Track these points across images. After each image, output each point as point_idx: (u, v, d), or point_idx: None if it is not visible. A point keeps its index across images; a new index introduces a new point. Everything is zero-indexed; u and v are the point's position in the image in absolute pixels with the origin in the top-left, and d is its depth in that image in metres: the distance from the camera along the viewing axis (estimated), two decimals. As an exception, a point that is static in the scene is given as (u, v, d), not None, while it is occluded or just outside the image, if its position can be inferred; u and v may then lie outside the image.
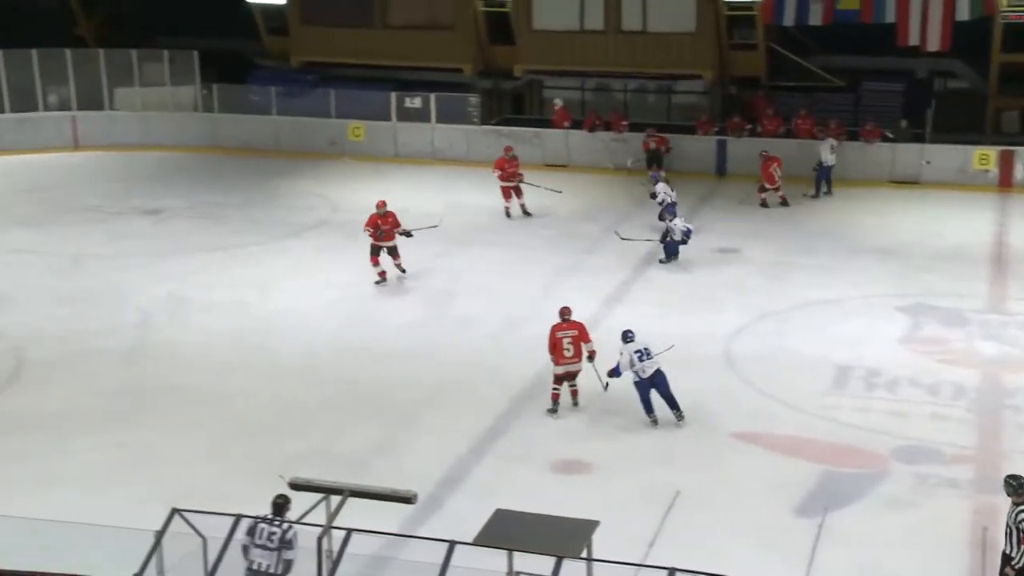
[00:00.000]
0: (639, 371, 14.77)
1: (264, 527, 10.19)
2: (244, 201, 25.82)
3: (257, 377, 16.61)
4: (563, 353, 15.19)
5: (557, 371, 15.30)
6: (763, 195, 25.21)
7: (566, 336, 15.24)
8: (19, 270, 20.96)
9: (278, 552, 10.15)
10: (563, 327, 15.33)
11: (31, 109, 30.32)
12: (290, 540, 10.16)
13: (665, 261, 21.23)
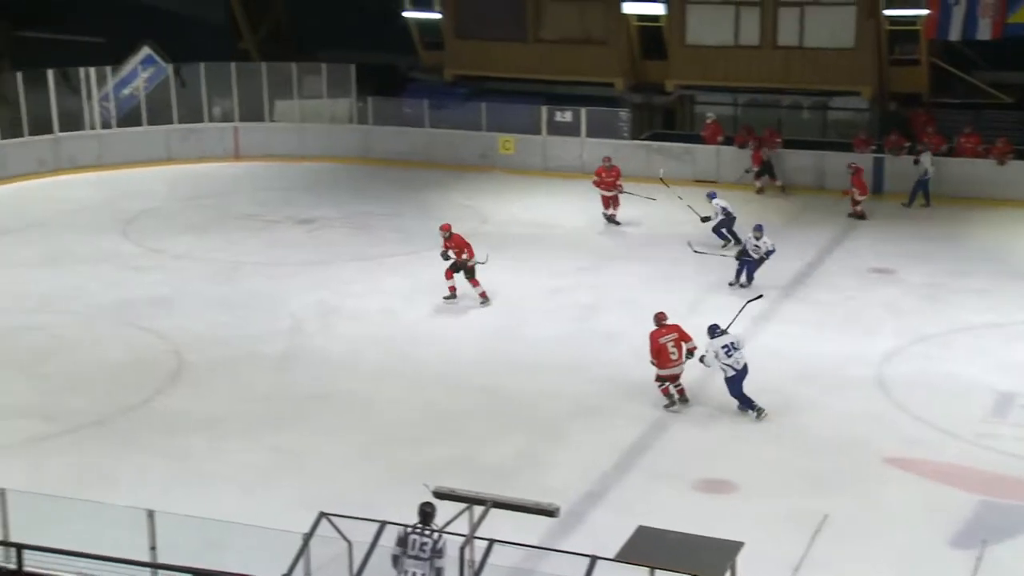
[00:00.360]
0: (732, 364, 15.04)
1: (415, 538, 10.24)
2: (394, 212, 26.24)
3: (403, 385, 16.82)
4: (669, 357, 15.43)
5: (662, 374, 15.56)
6: (858, 208, 25.17)
7: (669, 340, 15.45)
8: (181, 275, 21.70)
9: (430, 561, 10.24)
10: (664, 332, 15.55)
11: (197, 120, 31.39)
12: (441, 549, 10.22)
13: (735, 283, 20.36)
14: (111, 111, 30.80)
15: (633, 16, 30.91)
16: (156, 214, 26.14)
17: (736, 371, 15.12)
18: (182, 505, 11.38)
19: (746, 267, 20.36)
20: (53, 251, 22.97)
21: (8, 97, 29.18)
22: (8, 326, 18.95)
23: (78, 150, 29.91)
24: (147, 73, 31.24)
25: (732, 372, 15.14)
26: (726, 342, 15.16)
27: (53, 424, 15.35)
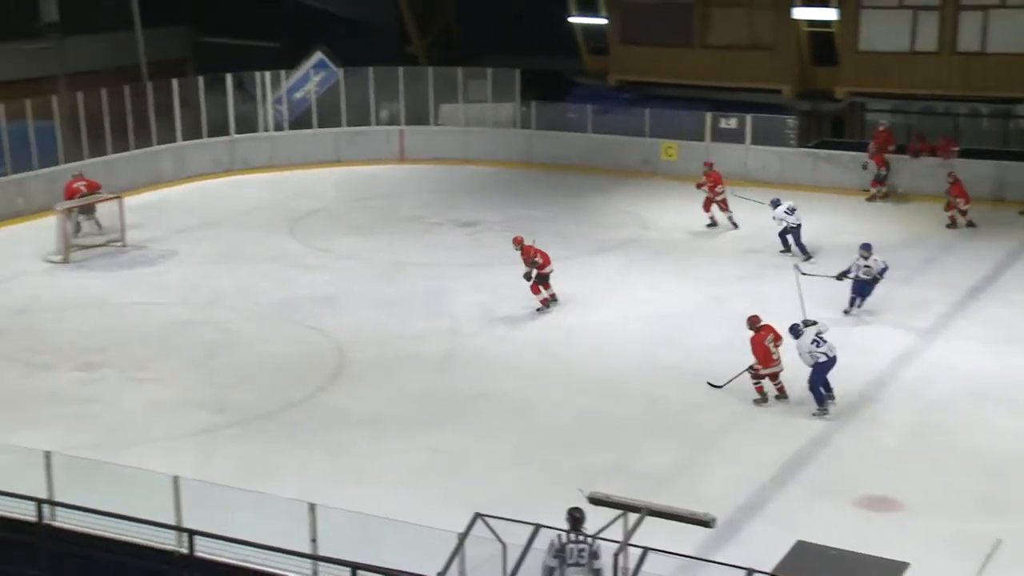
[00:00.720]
0: (825, 352, 15.49)
1: (572, 547, 10.21)
2: (554, 216, 26.30)
3: (560, 389, 16.83)
4: (771, 356, 15.94)
5: (763, 372, 15.98)
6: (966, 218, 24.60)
7: (769, 341, 15.96)
8: (346, 274, 22.18)
9: (589, 565, 10.21)
10: (764, 334, 15.99)
11: (365, 123, 32.07)
12: (597, 551, 10.20)
13: (850, 310, 19.30)
14: (283, 114, 31.73)
15: (803, 22, 30.31)
16: (323, 214, 26.81)
17: (828, 358, 15.54)
18: (341, 499, 11.60)
19: (860, 290, 19.32)
20: (226, 249, 23.77)
21: (190, 100, 30.36)
22: (182, 321, 19.69)
23: (251, 151, 30.92)
24: (319, 77, 32.08)
25: (825, 358, 15.55)
26: (812, 336, 15.64)
27: (223, 416, 15.88)
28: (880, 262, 19.20)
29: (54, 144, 26.98)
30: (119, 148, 28.30)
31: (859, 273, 19.18)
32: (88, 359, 17.71)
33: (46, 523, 11.49)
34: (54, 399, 16.32)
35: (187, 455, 14.34)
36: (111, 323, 19.45)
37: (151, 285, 21.55)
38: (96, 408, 16.05)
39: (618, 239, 24.60)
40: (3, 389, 16.69)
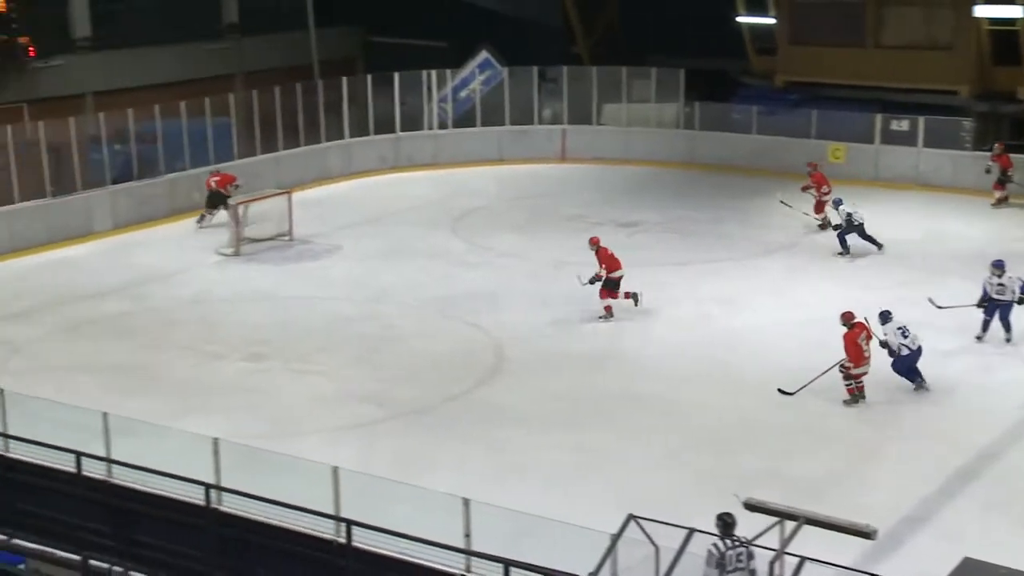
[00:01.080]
0: (910, 344, 15.86)
1: (730, 553, 10.06)
2: (716, 217, 25.98)
3: (716, 392, 16.64)
4: (863, 354, 15.86)
5: (856, 372, 15.89)
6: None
7: (862, 339, 15.92)
8: (505, 272, 22.35)
9: (746, 567, 10.11)
10: (857, 331, 15.95)
11: (528, 122, 32.26)
12: (752, 552, 10.09)
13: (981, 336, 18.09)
14: (448, 112, 32.16)
15: (985, 20, 29.19)
16: (485, 212, 27.08)
17: (912, 350, 15.91)
18: (495, 495, 11.68)
19: (997, 313, 17.99)
20: (389, 245, 24.22)
21: (358, 99, 31.06)
22: (346, 315, 20.15)
23: (416, 149, 31.43)
24: (483, 76, 32.41)
25: (908, 351, 15.91)
26: (900, 324, 16.03)
27: (383, 410, 16.19)
28: (1017, 280, 17.87)
29: (230, 140, 27.97)
30: (289, 144, 29.16)
31: (992, 293, 17.93)
32: (255, 350, 18.28)
33: (213, 507, 11.91)
34: (223, 388, 16.90)
35: (347, 447, 14.66)
36: (278, 316, 20.04)
37: (317, 279, 22.13)
38: (262, 398, 16.56)
39: (781, 242, 24.16)
40: (176, 377, 17.35)
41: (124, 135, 25.94)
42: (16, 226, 23.49)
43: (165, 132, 26.40)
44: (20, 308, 20.25)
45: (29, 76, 26.58)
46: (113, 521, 12.55)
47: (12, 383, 14.70)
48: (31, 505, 13.00)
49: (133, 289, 21.41)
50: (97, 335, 19.10)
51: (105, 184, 25.04)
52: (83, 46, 28.49)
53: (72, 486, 12.45)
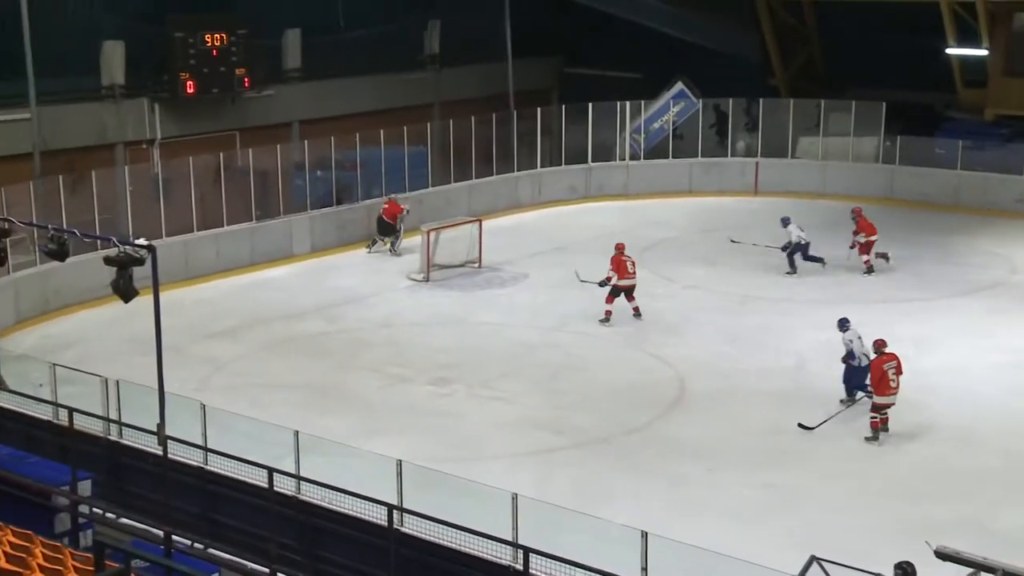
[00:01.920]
0: (868, 353, 16.10)
1: None
2: (914, 255, 25.16)
3: (909, 435, 16.11)
4: (889, 384, 15.68)
5: (880, 402, 15.76)
6: None
7: (890, 368, 15.72)
8: (691, 304, 22.18)
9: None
10: (885, 359, 15.80)
11: (721, 155, 31.99)
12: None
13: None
14: (640, 143, 32.18)
15: None
16: (673, 244, 26.93)
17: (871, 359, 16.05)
18: (673, 530, 11.58)
19: None
20: (572, 274, 24.29)
21: (552, 129, 31.41)
22: (531, 343, 20.34)
23: (607, 179, 31.55)
24: (677, 108, 32.33)
25: (867, 361, 16.10)
26: (859, 333, 16.45)
27: (562, 438, 16.26)
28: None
29: (425, 168, 28.67)
30: (482, 173, 29.70)
31: None
32: (441, 374, 18.64)
33: (395, 528, 12.17)
34: (408, 410, 17.28)
35: (526, 473, 14.77)
36: (464, 341, 20.39)
37: (502, 306, 22.43)
38: (445, 422, 16.86)
39: (983, 282, 23.23)
40: (364, 397, 17.84)
41: (326, 162, 26.93)
42: (223, 248, 24.62)
43: (364, 159, 27.28)
44: (225, 327, 21.19)
45: (242, 105, 27.92)
46: (301, 536, 12.97)
47: (213, 398, 15.38)
48: (226, 517, 13.57)
49: (327, 311, 22.16)
50: (292, 354, 19.83)
51: (306, 209, 26.02)
52: (293, 77, 29.73)
53: (264, 500, 12.92)
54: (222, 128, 27.71)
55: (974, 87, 32.03)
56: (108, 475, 14.14)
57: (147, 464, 13.85)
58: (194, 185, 24.22)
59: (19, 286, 20.83)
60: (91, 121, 25.66)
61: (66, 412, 14.07)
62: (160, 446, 13.21)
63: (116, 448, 14.37)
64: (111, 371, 15.33)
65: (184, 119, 27.03)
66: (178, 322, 19.12)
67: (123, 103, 26.14)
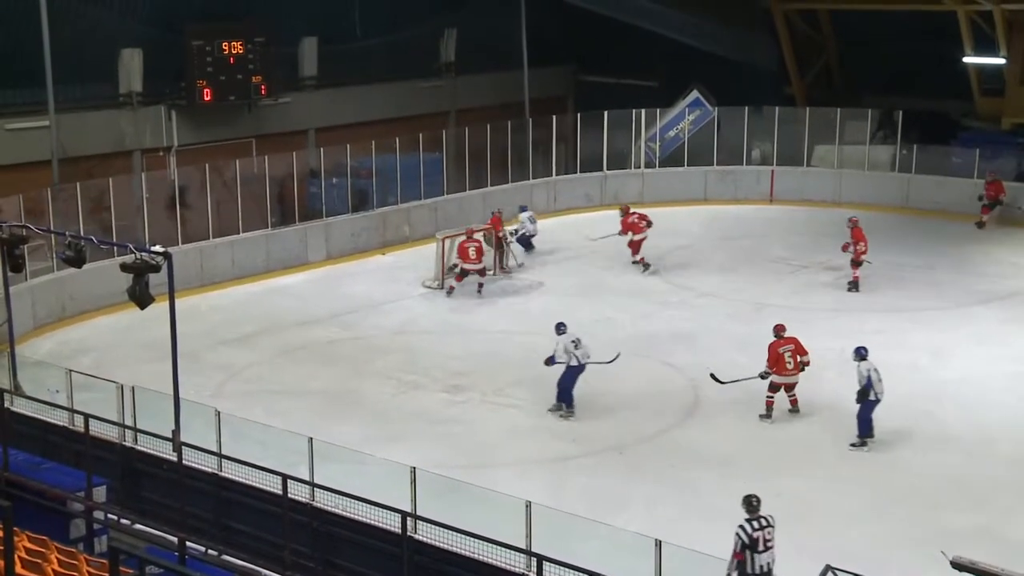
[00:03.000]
0: (579, 357, 16.88)
1: (758, 534, 10.36)
2: (929, 264, 25.11)
3: (923, 444, 16.11)
4: (786, 366, 16.65)
5: (777, 381, 16.73)
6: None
7: (787, 351, 16.63)
8: (705, 312, 22.17)
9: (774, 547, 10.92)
10: (782, 343, 16.71)
11: (736, 163, 31.95)
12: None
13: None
14: (655, 151, 32.17)
15: None
16: (688, 252, 26.92)
17: (579, 364, 16.93)
18: (687, 538, 11.55)
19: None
20: (590, 282, 24.37)
21: (567, 136, 31.46)
22: (543, 350, 20.18)
23: (622, 187, 31.54)
24: (693, 116, 32.32)
25: (576, 363, 16.91)
26: (573, 338, 17.01)
27: (576, 446, 16.27)
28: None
29: (440, 175, 28.73)
30: (497, 181, 29.74)
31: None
32: (454, 382, 18.68)
33: (409, 535, 12.20)
34: (421, 417, 17.32)
35: (539, 481, 14.80)
36: (477, 348, 20.42)
37: (516, 314, 22.45)
38: (458, 429, 16.90)
39: (999, 291, 23.15)
40: (378, 404, 17.89)
41: (341, 169, 27.01)
42: (238, 255, 24.72)
43: (379, 167, 27.36)
44: (240, 333, 21.27)
45: (258, 113, 28.05)
46: (315, 543, 13.01)
47: (228, 405, 15.45)
48: (240, 523, 13.62)
49: (342, 318, 22.22)
50: (307, 361, 19.89)
51: (321, 216, 26.10)
52: (308, 84, 29.84)
53: (278, 507, 12.96)
54: (238, 135, 27.84)
55: (991, 96, 31.93)
56: (123, 481, 14.21)
57: (162, 470, 13.91)
58: (210, 192, 24.32)
59: (36, 292, 20.95)
60: (109, 128, 25.83)
61: (82, 418, 14.14)
62: (175, 452, 13.28)
63: (131, 454, 14.44)
64: (127, 377, 15.42)
65: (201, 126, 27.18)
66: (193, 329, 19.22)
67: (140, 110, 26.32)
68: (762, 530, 11.14)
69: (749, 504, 11.35)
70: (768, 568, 11.10)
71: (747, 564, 11.08)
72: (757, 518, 11.26)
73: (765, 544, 11.12)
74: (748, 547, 11.10)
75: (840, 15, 34.39)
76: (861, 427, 15.95)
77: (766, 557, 11.11)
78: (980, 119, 32.27)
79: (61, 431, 14.86)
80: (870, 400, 15.87)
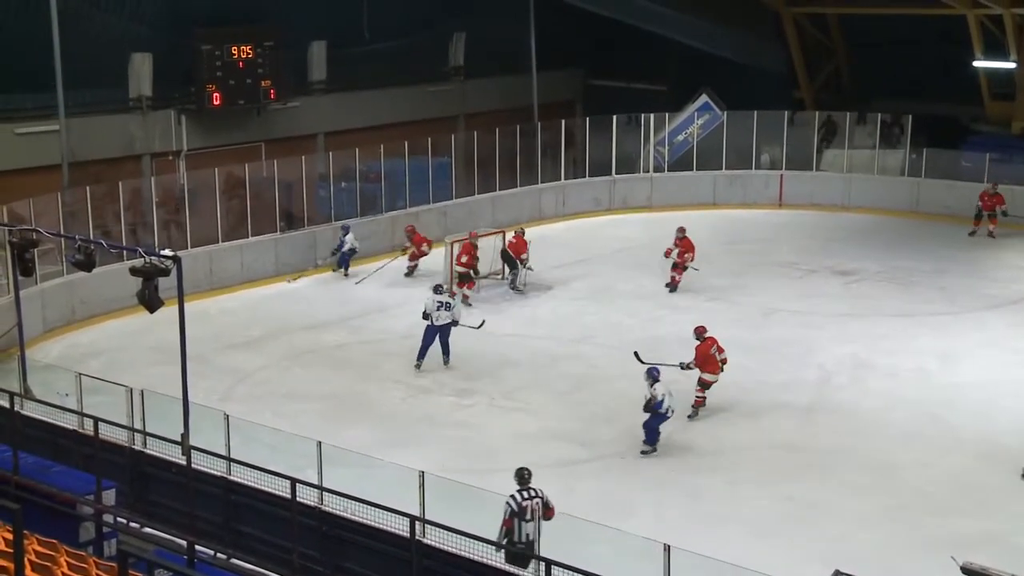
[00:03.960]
0: (434, 319, 18.64)
1: (527, 504, 10.91)
2: (938, 269, 25.06)
3: (933, 449, 16.05)
4: (718, 365, 17.07)
5: (708, 379, 17.10)
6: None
7: (714, 350, 17.07)
8: (714, 317, 21.99)
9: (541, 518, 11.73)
10: (710, 343, 17.12)
11: (744, 167, 31.91)
12: (547, 502, 11.43)
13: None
14: (664, 156, 32.16)
15: None
16: (697, 257, 26.81)
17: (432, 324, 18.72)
18: (694, 542, 11.53)
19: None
20: (599, 286, 24.34)
21: (575, 141, 31.46)
22: (553, 354, 20.34)
23: (631, 191, 31.54)
24: (702, 120, 32.27)
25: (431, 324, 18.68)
26: (441, 300, 18.88)
27: (584, 449, 16.27)
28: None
29: (449, 180, 28.75)
30: (506, 185, 29.74)
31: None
32: (463, 386, 18.68)
33: (417, 539, 12.19)
34: (430, 421, 17.32)
35: (547, 485, 14.62)
36: (486, 352, 20.38)
37: (525, 317, 22.45)
38: (467, 433, 16.90)
39: (1008, 296, 23.10)
40: (386, 408, 17.90)
41: (350, 173, 27.04)
42: (247, 259, 24.75)
43: (388, 171, 27.38)
44: (249, 337, 21.30)
45: (267, 117, 28.11)
46: (323, 547, 13.01)
47: (237, 409, 15.47)
48: (249, 527, 13.62)
49: (350, 321, 22.23)
50: (316, 365, 19.91)
51: (330, 220, 26.13)
52: (318, 89, 29.89)
53: (287, 511, 12.97)
54: (247, 139, 27.90)
55: (1001, 100, 31.90)
56: (132, 484, 14.22)
57: (171, 474, 13.94)
58: (219, 196, 24.37)
59: (46, 296, 21.00)
60: (118, 132, 25.90)
61: (91, 421, 14.16)
62: (184, 456, 13.29)
63: (140, 457, 14.45)
64: (136, 381, 15.44)
65: (210, 130, 27.24)
66: (202, 332, 19.25)
67: (150, 115, 26.38)
68: (530, 500, 12.03)
69: (521, 476, 12.30)
70: (531, 538, 11.95)
71: (514, 532, 11.94)
72: (527, 489, 12.13)
73: (532, 513, 11.98)
74: (516, 515, 11.96)
75: (849, 19, 34.36)
76: (649, 436, 16.05)
77: (531, 527, 11.99)
78: (990, 123, 32.22)
79: (71, 434, 14.87)
80: (661, 414, 15.93)
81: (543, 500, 12.12)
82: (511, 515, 12.01)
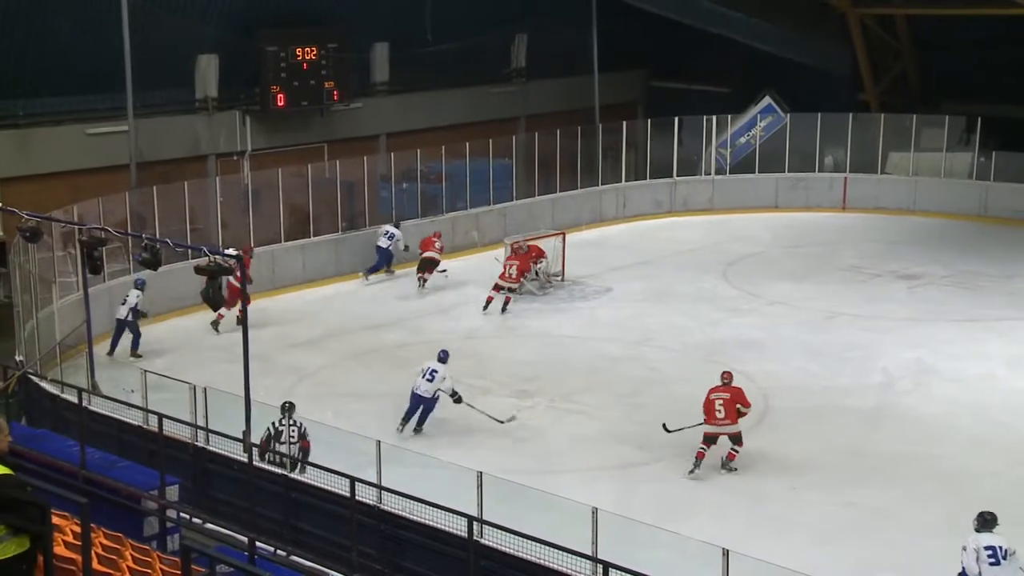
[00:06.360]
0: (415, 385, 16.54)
1: (283, 429, 11.79)
2: (1007, 273, 24.65)
3: (1002, 458, 15.76)
4: (715, 415, 15.18)
5: (707, 430, 15.23)
6: None
7: (719, 398, 15.23)
8: (775, 320, 21.94)
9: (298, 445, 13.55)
10: (718, 389, 15.39)
11: (808, 170, 31.58)
12: (304, 432, 12.62)
13: None
14: (726, 158, 31.94)
15: None
16: (758, 259, 26.68)
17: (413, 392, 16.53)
18: (755, 547, 11.43)
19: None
20: (658, 288, 24.23)
21: (637, 143, 31.35)
22: (613, 356, 20.28)
23: (692, 194, 31.38)
24: (765, 122, 32.03)
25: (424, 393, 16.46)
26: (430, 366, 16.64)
27: (643, 453, 16.18)
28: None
29: (510, 181, 28.78)
30: (567, 186, 29.71)
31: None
32: (522, 387, 18.67)
33: (475, 539, 12.20)
34: (489, 422, 17.30)
35: (606, 487, 14.73)
36: (546, 354, 20.39)
37: (585, 320, 22.40)
38: (526, 434, 16.87)
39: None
40: (446, 409, 17.87)
41: (412, 174, 27.16)
42: (309, 259, 24.94)
43: (449, 172, 27.46)
44: (311, 336, 21.45)
45: (330, 118, 28.35)
46: (382, 546, 13.07)
47: (297, 407, 15.55)
48: (309, 525, 13.73)
49: (411, 322, 22.33)
50: (376, 364, 20.01)
51: (392, 220, 26.25)
52: (380, 90, 30.08)
53: (346, 509, 13.05)
54: (311, 140, 28.14)
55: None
56: (195, 480, 14.40)
57: (232, 470, 14.09)
58: (282, 196, 24.59)
59: (114, 294, 21.30)
60: (185, 133, 26.26)
61: (156, 418, 14.36)
62: (245, 453, 13.43)
63: (203, 454, 14.63)
64: (199, 378, 15.63)
65: (274, 131, 27.51)
66: (265, 331, 19.44)
67: (216, 115, 26.71)
68: (286, 427, 14.01)
69: (283, 408, 14.14)
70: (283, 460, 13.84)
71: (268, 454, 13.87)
72: (292, 420, 14.10)
73: (288, 438, 13.96)
74: (272, 438, 13.95)
75: (917, 20, 33.87)
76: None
77: (285, 448, 13.92)
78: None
79: (136, 430, 15.10)
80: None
81: (300, 431, 14.05)
82: (268, 438, 14.02)
